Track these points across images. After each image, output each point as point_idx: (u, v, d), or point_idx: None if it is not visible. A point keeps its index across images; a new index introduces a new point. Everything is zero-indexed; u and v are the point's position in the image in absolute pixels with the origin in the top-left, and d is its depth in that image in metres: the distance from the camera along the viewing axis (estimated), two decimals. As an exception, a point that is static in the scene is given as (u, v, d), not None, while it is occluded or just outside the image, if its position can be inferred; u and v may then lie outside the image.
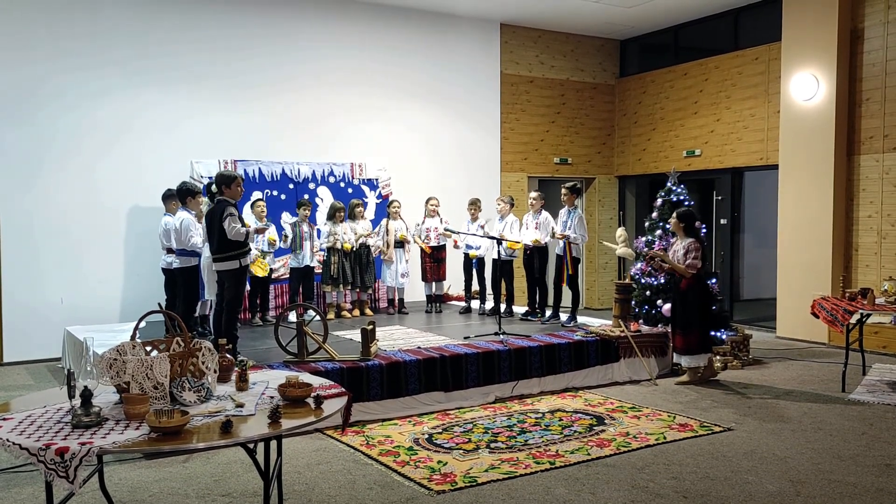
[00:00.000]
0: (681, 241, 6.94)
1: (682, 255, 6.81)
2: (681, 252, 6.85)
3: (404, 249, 9.02)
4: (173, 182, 7.78)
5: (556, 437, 5.36)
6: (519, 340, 6.93)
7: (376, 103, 10.34)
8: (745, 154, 10.47)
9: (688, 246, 6.80)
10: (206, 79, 9.25)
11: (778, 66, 9.84)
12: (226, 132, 9.26)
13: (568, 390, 6.80)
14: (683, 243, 6.87)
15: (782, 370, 7.68)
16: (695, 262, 6.74)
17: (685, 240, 6.88)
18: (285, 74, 9.72)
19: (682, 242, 6.90)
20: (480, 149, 11.26)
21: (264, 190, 8.88)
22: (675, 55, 11.68)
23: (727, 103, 10.72)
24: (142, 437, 2.88)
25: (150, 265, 8.51)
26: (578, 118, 12.22)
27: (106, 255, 8.73)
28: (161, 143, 8.94)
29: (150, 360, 3.25)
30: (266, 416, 3.11)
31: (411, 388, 6.08)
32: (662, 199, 8.22)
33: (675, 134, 11.53)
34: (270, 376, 4.00)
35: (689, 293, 6.80)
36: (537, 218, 8.35)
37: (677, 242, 7.00)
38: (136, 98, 8.87)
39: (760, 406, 6.22)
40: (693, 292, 6.80)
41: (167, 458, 4.92)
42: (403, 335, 7.49)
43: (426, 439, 5.35)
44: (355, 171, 9.54)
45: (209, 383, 3.45)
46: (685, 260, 6.78)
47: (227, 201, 6.27)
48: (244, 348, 6.61)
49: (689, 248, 6.79)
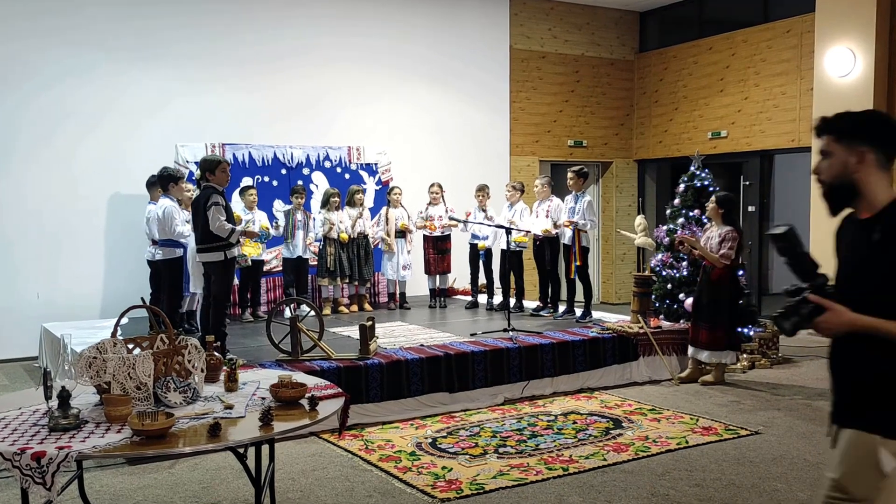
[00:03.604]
0: (717, 227, 6.88)
1: (717, 244, 6.76)
2: (716, 240, 6.80)
3: (406, 240, 9.02)
4: (157, 168, 7.80)
5: (570, 442, 5.36)
6: (529, 337, 6.93)
7: (375, 82, 10.32)
8: (775, 135, 10.42)
9: (725, 234, 6.75)
10: (193, 56, 9.25)
11: (811, 39, 9.77)
12: (214, 114, 9.26)
13: (582, 391, 6.81)
14: (720, 231, 6.81)
15: (815, 369, 7.66)
16: (729, 253, 6.70)
17: (722, 227, 6.82)
18: (278, 52, 9.71)
19: (718, 230, 6.85)
20: (488, 131, 11.24)
21: (255, 176, 8.88)
22: (699, 28, 11.62)
23: (756, 80, 10.66)
24: (124, 440, 2.90)
25: (134, 257, 8.53)
26: (594, 97, 12.18)
27: (85, 246, 8.76)
28: (144, 126, 8.94)
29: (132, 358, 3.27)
30: (257, 419, 3.13)
31: (413, 388, 6.10)
32: (685, 185, 8.20)
33: (700, 114, 11.49)
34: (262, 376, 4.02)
35: (721, 285, 6.77)
36: (547, 205, 8.34)
37: (712, 229, 6.95)
38: (117, 78, 8.87)
39: (791, 408, 6.22)
40: (725, 284, 6.78)
41: (151, 463, 4.95)
42: (405, 332, 7.50)
43: (430, 443, 5.36)
44: (353, 155, 9.54)
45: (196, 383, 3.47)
46: (720, 249, 6.73)
47: (214, 188, 6.29)
48: (233, 346, 6.64)
49: (725, 237, 6.73)
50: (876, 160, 2.32)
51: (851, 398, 2.33)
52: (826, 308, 2.28)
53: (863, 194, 2.34)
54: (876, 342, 2.23)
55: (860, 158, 2.31)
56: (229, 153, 8.69)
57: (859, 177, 2.33)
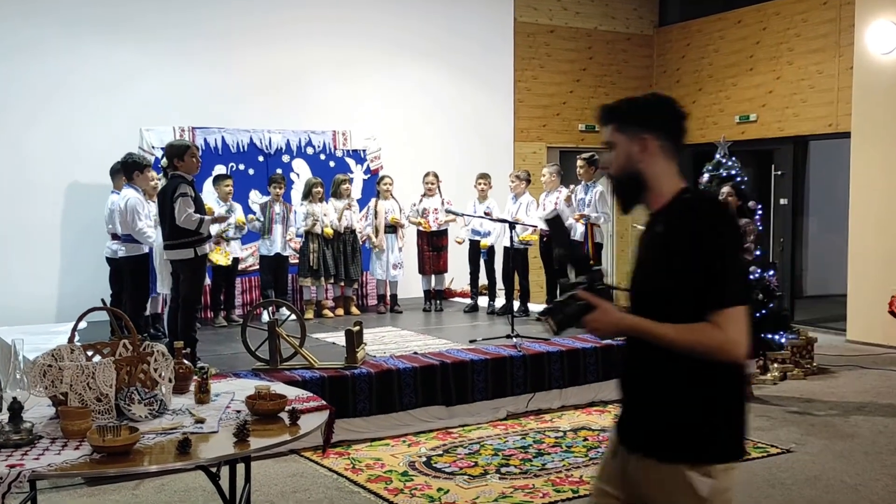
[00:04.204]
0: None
1: None
2: None
3: (397, 236, 9.03)
4: (119, 154, 7.78)
5: (581, 461, 5.38)
6: (535, 344, 6.94)
7: (364, 59, 10.31)
8: (810, 119, 10.44)
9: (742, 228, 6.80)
10: (160, 29, 9.23)
11: (851, 11, 9.79)
12: (182, 94, 9.25)
13: (594, 404, 6.82)
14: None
15: (853, 381, 7.69)
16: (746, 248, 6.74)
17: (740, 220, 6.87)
18: (255, 24, 9.70)
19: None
20: (490, 114, 11.25)
21: (229, 163, 8.89)
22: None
23: (789, 58, 10.68)
24: (82, 458, 2.90)
25: (93, 254, 8.51)
26: (609, 76, 12.19)
27: (39, 242, 8.74)
28: (105, 108, 8.93)
29: (91, 366, 3.27)
30: (231, 434, 3.13)
31: (406, 401, 6.10)
32: (710, 175, 8.21)
33: (726, 95, 11.50)
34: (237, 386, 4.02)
35: None
36: (556, 197, 8.35)
37: None
38: (72, 53, 8.85)
39: (826, 423, 6.24)
40: None
41: (113, 483, 4.95)
42: (396, 338, 7.51)
43: (424, 463, 5.38)
44: (338, 140, 9.54)
45: (163, 395, 3.47)
46: None
47: (182, 177, 6.28)
48: (205, 353, 6.64)
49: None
50: (660, 148, 2.33)
51: (641, 418, 2.34)
52: (595, 306, 2.28)
53: (650, 186, 2.35)
54: (660, 348, 2.22)
55: (643, 147, 2.32)
56: (200, 138, 8.69)
57: (644, 167, 2.34)
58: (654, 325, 2.23)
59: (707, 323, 2.17)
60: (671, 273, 2.23)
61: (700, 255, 2.18)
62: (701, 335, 2.17)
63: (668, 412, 2.25)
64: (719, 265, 2.18)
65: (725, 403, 2.25)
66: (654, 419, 2.28)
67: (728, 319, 2.16)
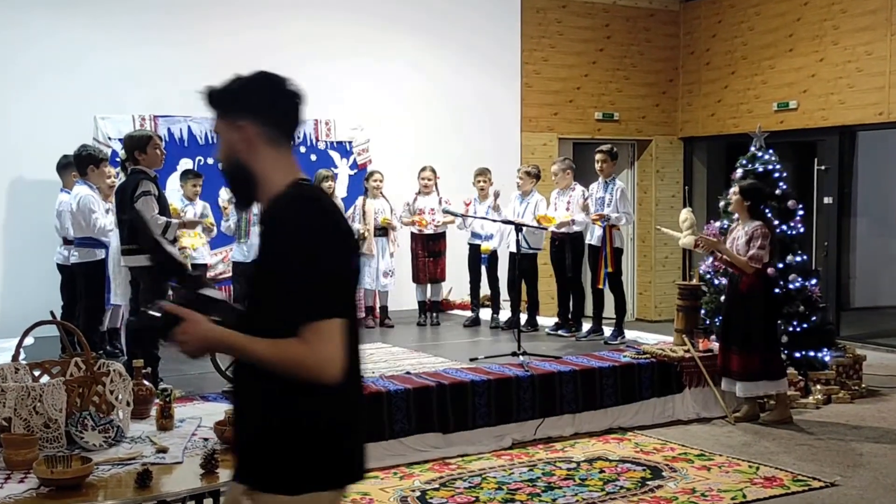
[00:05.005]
0: (743, 224, 6.96)
1: (744, 244, 6.83)
2: (742, 239, 6.87)
3: (388, 239, 9.04)
4: (70, 147, 7.79)
5: (597, 496, 5.39)
6: (545, 364, 6.95)
7: (351, 36, 10.31)
8: (858, 107, 10.47)
9: (752, 231, 6.82)
10: (116, 2, 9.25)
11: (904, -15, 9.83)
12: (142, 77, 9.24)
13: (612, 431, 6.83)
14: (746, 228, 6.88)
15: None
16: (759, 254, 6.77)
17: (749, 223, 6.89)
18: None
19: (744, 227, 6.92)
20: (494, 101, 11.26)
21: (196, 157, 8.89)
22: (762, -30, 11.68)
23: (834, 37, 10.70)
24: (28, 492, 2.91)
25: (41, 260, 8.51)
26: (629, 57, 12.22)
27: (-22, 246, 8.76)
28: (53, 93, 8.92)
29: (38, 388, 3.28)
30: (198, 465, 3.14)
31: (398, 428, 6.11)
32: (744, 170, 8.24)
33: (762, 80, 11.53)
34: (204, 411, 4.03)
35: (753, 297, 6.83)
36: (568, 196, 8.36)
37: (738, 227, 7.03)
38: (15, 29, 8.85)
39: (876, 454, 6.25)
40: (757, 296, 6.84)
41: (63, 523, 4.95)
42: (387, 356, 7.53)
43: (418, 498, 5.38)
44: (321, 131, 9.56)
45: (120, 420, 3.48)
46: (747, 250, 6.80)
47: (143, 172, 6.27)
48: (168, 373, 6.64)
49: (753, 235, 6.80)
50: (263, 135, 2.34)
51: (242, 444, 2.35)
52: (182, 317, 2.26)
53: (258, 180, 2.36)
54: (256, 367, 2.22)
55: (242, 135, 2.34)
56: (163, 127, 8.70)
57: (247, 158, 2.35)
58: (248, 340, 2.22)
59: (295, 339, 2.17)
60: (267, 279, 2.24)
61: (288, 259, 2.18)
62: (286, 352, 2.17)
63: (263, 438, 2.27)
64: (308, 272, 2.17)
65: (318, 427, 2.24)
66: (251, 446, 2.30)
67: (316, 334, 2.16)
